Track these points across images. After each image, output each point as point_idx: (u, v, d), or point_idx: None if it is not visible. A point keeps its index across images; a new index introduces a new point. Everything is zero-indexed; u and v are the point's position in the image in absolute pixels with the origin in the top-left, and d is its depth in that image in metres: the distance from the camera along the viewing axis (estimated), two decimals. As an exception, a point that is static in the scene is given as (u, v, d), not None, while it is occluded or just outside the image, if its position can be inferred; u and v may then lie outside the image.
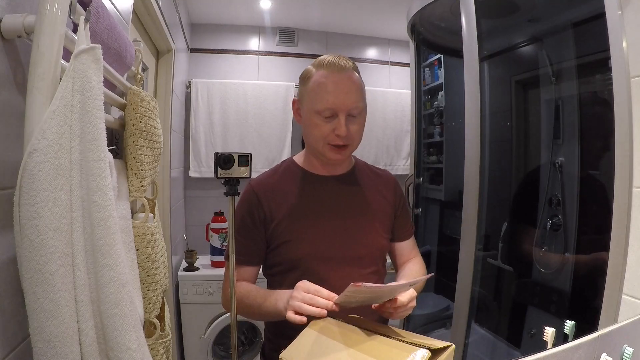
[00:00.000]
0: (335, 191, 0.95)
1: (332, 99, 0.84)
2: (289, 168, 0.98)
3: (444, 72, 2.11)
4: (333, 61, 0.86)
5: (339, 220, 0.92)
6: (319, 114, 0.85)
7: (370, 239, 0.94)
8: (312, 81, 0.87)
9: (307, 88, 0.88)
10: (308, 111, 0.88)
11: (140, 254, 0.73)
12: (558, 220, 1.47)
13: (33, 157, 0.44)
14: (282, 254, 0.90)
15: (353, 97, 0.85)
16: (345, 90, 0.85)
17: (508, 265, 1.63)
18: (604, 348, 0.83)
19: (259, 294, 0.88)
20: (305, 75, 0.90)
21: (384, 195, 0.99)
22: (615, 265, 0.93)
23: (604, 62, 1.10)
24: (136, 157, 0.74)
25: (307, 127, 0.90)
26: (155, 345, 0.77)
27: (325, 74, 0.86)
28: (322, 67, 0.87)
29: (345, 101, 0.84)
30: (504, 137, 1.70)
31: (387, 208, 0.98)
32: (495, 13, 1.63)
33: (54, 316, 0.45)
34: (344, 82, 0.85)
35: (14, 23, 0.47)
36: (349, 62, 0.87)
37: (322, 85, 0.85)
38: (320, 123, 0.86)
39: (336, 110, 0.84)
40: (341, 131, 0.84)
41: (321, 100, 0.85)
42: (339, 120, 0.85)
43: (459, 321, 1.52)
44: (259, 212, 0.91)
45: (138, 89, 0.76)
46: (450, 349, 0.61)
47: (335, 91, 0.84)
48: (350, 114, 0.86)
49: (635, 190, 0.92)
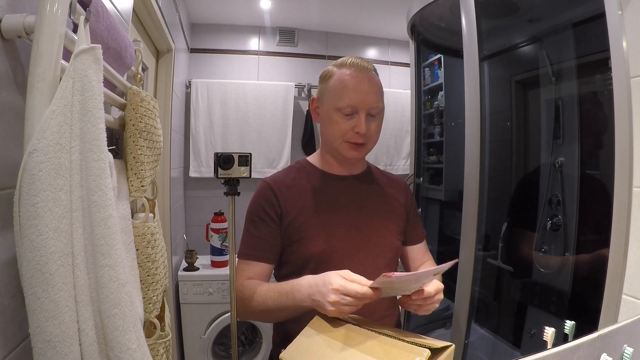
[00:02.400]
0: (350, 190, 0.95)
1: (354, 97, 0.86)
2: (304, 167, 0.98)
3: (444, 72, 2.11)
4: (356, 62, 0.89)
5: (354, 220, 0.92)
6: (340, 111, 0.87)
7: (384, 239, 0.94)
8: (334, 79, 0.89)
9: (328, 86, 0.90)
10: (328, 108, 0.90)
11: (140, 254, 0.73)
12: (558, 220, 1.47)
13: (33, 157, 0.44)
14: (295, 252, 0.89)
15: (373, 97, 0.88)
16: (367, 89, 0.87)
17: (508, 265, 1.63)
18: (604, 348, 0.83)
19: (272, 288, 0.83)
20: (326, 74, 0.92)
21: (397, 197, 1.00)
22: (615, 265, 0.93)
23: (604, 62, 1.10)
24: (136, 157, 0.73)
25: (326, 125, 0.91)
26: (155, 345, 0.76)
27: (348, 73, 0.88)
28: (345, 66, 0.89)
29: (366, 99, 0.86)
30: (504, 137, 1.70)
31: (399, 210, 0.99)
32: (495, 13, 1.63)
33: (54, 316, 0.45)
34: (365, 81, 0.88)
35: (14, 23, 0.47)
36: (370, 64, 0.91)
37: (344, 83, 0.88)
38: (340, 120, 0.88)
39: (357, 107, 0.86)
40: (361, 128, 0.86)
41: (343, 97, 0.87)
42: (359, 117, 0.87)
43: (459, 321, 1.52)
44: (275, 207, 0.90)
45: (138, 89, 0.76)
46: (450, 349, 0.61)
47: (357, 89, 0.86)
48: (370, 112, 0.88)
49: (635, 190, 0.92)
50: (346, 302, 0.68)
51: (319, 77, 0.95)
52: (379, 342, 0.64)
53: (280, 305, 0.81)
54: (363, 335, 0.67)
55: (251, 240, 0.90)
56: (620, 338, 0.85)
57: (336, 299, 0.68)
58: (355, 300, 0.68)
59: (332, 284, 0.69)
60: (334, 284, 0.69)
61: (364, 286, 0.68)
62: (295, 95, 2.48)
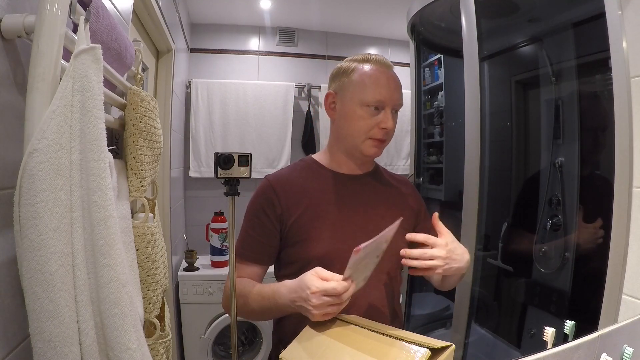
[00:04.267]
0: (356, 191, 0.92)
1: (384, 92, 0.85)
2: (309, 165, 0.95)
3: (444, 72, 2.11)
4: (380, 58, 0.89)
5: (360, 221, 0.89)
6: (367, 106, 0.86)
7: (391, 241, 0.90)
8: (359, 74, 0.88)
9: (352, 80, 0.88)
10: (351, 103, 0.87)
11: (140, 254, 0.73)
12: (558, 220, 1.47)
13: (33, 157, 0.44)
14: (297, 253, 0.87)
15: (399, 93, 0.88)
16: (395, 85, 0.87)
17: (508, 265, 1.63)
18: (604, 348, 0.83)
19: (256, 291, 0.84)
20: (347, 69, 0.90)
21: (404, 199, 0.97)
22: (615, 265, 0.93)
23: (604, 62, 1.10)
24: (136, 157, 0.73)
25: (348, 120, 0.89)
26: (155, 345, 0.77)
27: (375, 68, 0.87)
28: (369, 62, 0.89)
29: (394, 95, 0.86)
30: (504, 137, 1.70)
31: (407, 212, 0.94)
32: (495, 13, 1.63)
33: (54, 316, 0.45)
34: (393, 77, 0.88)
35: (14, 23, 0.47)
36: (390, 63, 0.91)
37: (372, 78, 0.86)
38: (366, 115, 0.86)
39: (385, 103, 0.86)
40: (389, 124, 0.86)
41: (372, 92, 0.85)
42: (386, 113, 0.86)
43: (459, 321, 1.52)
44: (276, 208, 0.87)
45: (138, 89, 0.76)
46: (450, 349, 0.61)
47: (387, 85, 0.86)
48: (394, 109, 0.88)
49: (635, 190, 0.92)
50: (328, 303, 0.67)
51: (335, 71, 0.92)
52: (379, 341, 0.64)
53: (263, 307, 0.82)
54: (363, 335, 0.67)
55: (247, 240, 0.89)
56: (620, 338, 0.85)
57: (318, 302, 0.67)
58: (337, 298, 0.67)
59: (310, 287, 0.68)
60: (311, 287, 0.68)
61: (340, 282, 0.68)
62: (295, 95, 2.48)
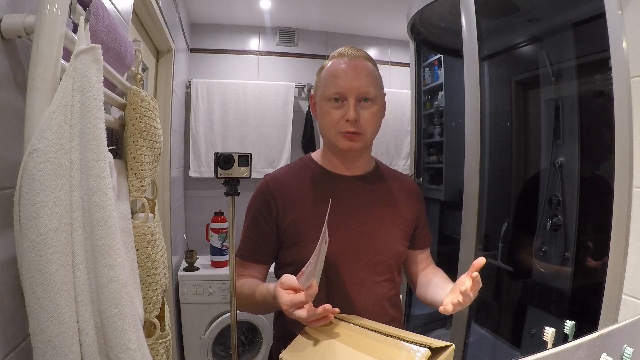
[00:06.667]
0: (353, 192, 0.91)
1: (340, 82, 0.84)
2: (306, 165, 0.95)
3: (444, 72, 2.11)
4: (344, 50, 0.89)
5: (355, 224, 0.87)
6: (330, 100, 0.85)
7: (386, 244, 0.89)
8: (324, 70, 0.89)
9: (320, 78, 0.90)
10: (320, 100, 0.88)
11: (140, 254, 0.73)
12: (558, 220, 1.47)
13: (33, 157, 0.44)
14: (293, 255, 0.86)
15: (362, 81, 0.84)
16: (354, 74, 0.85)
17: (508, 265, 1.63)
18: (604, 348, 0.82)
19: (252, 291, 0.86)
20: (320, 68, 0.92)
21: (405, 200, 0.95)
22: (615, 266, 0.93)
23: (604, 62, 1.10)
24: (136, 157, 0.73)
25: (320, 117, 0.90)
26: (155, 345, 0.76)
27: (336, 62, 0.87)
28: (335, 56, 0.89)
29: (353, 84, 0.84)
30: (504, 137, 1.70)
31: (406, 214, 0.93)
32: (495, 13, 1.63)
33: (54, 316, 0.45)
34: (352, 66, 0.86)
35: (14, 23, 0.47)
36: (360, 51, 0.89)
37: (330, 71, 0.87)
38: (331, 110, 0.85)
39: (345, 93, 0.84)
40: (350, 115, 0.83)
41: (330, 85, 0.85)
42: (349, 104, 0.84)
43: (459, 321, 1.52)
44: (272, 209, 0.87)
45: (138, 89, 0.76)
46: (450, 349, 0.61)
47: (344, 75, 0.85)
48: (359, 98, 0.85)
49: (635, 190, 0.92)
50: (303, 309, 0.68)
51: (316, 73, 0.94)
52: (379, 341, 0.64)
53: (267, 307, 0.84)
54: (363, 335, 0.67)
55: (247, 241, 0.90)
56: (620, 338, 0.85)
57: (299, 314, 0.68)
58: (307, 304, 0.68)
59: (282, 303, 0.69)
60: (283, 303, 0.69)
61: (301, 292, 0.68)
62: (295, 95, 2.48)
